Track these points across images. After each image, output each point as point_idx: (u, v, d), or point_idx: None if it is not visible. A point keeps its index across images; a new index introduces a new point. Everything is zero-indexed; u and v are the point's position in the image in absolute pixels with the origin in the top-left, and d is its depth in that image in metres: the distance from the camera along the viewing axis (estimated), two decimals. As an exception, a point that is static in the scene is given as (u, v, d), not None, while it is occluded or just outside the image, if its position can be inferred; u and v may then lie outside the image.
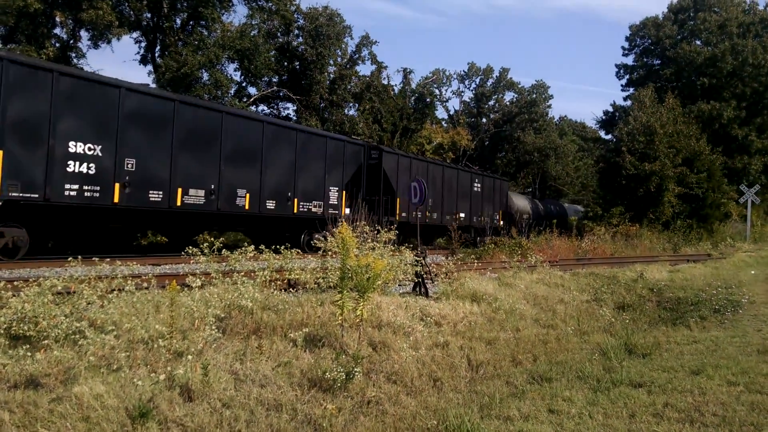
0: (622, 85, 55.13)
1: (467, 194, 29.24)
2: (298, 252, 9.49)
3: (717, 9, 49.61)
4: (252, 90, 35.29)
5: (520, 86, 58.08)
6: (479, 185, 30.46)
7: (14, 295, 5.68)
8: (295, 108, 36.96)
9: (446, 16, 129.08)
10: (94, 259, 7.20)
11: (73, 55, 28.06)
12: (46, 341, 5.27)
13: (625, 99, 53.24)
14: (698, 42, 49.01)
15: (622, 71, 54.75)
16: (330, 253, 9.24)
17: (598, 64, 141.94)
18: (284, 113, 38.82)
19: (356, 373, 6.04)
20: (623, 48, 54.28)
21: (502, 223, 32.18)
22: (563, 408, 5.99)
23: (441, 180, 26.63)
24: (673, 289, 14.53)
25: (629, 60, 54.34)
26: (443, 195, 26.61)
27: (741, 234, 38.34)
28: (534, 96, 56.94)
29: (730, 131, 43.64)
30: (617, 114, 49.73)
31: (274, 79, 36.30)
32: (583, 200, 42.39)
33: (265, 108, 38.43)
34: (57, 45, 26.89)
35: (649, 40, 51.79)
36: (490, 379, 7.19)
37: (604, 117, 53.70)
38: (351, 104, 39.37)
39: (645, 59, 52.97)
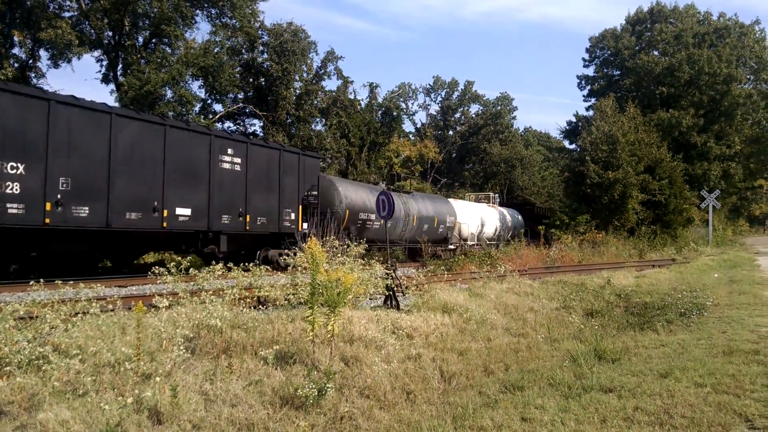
0: (584, 96, 56.35)
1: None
2: (267, 269, 9.41)
3: (673, 20, 51.11)
4: (218, 107, 35.08)
5: (485, 99, 58.92)
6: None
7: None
8: (261, 124, 36.82)
9: (411, 31, 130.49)
10: (57, 282, 7.04)
11: (33, 74, 27.60)
12: (8, 368, 5.12)
13: (587, 109, 54.38)
14: (656, 52, 50.37)
15: (583, 82, 55.92)
16: (300, 268, 9.19)
17: (561, 75, 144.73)
18: (250, 129, 38.64)
19: (328, 389, 6.00)
20: (584, 59, 55.54)
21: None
22: (536, 416, 6.03)
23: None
24: (640, 294, 14.77)
25: (590, 71, 55.61)
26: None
27: (704, 238, 39.24)
28: (499, 108, 57.74)
29: (690, 138, 44.77)
30: (580, 124, 50.68)
31: (240, 96, 36.13)
32: (549, 210, 42.90)
33: (231, 125, 38.23)
34: (15, 65, 26.40)
35: (609, 51, 53.05)
36: (463, 389, 7.21)
37: (567, 127, 54.71)
38: (318, 119, 39.38)
39: (605, 70, 54.20)
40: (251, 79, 36.20)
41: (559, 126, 74.76)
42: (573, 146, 53.34)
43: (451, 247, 28.57)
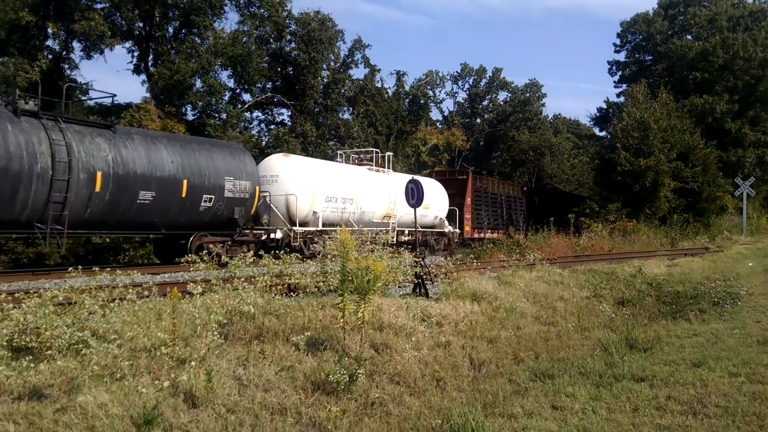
0: (614, 82, 55.40)
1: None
2: (297, 257, 9.50)
3: (706, 3, 49.86)
4: (246, 96, 35.32)
5: (513, 86, 58.13)
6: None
7: (15, 307, 5.68)
8: (289, 113, 37.00)
9: (437, 18, 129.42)
10: (94, 269, 7.21)
11: (66, 66, 28.07)
12: (49, 352, 5.27)
13: (618, 95, 53.48)
14: (689, 37, 49.22)
15: (614, 68, 54.97)
16: (329, 256, 9.26)
17: (591, 61, 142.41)
18: (279, 119, 38.87)
19: (359, 375, 6.05)
20: (615, 45, 54.54)
21: None
22: (566, 404, 6.02)
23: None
24: (672, 283, 14.57)
25: (621, 56, 54.61)
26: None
27: (737, 227, 38.42)
28: (527, 95, 56.98)
29: (724, 125, 43.72)
30: (611, 111, 49.87)
31: (268, 85, 36.32)
32: (578, 197, 42.38)
33: (260, 114, 38.49)
34: (49, 57, 26.88)
35: (641, 36, 52.01)
36: (493, 377, 7.21)
37: (597, 114, 53.89)
38: (345, 108, 39.42)
39: (637, 55, 53.19)
40: (279, 69, 36.34)
41: (589, 113, 73.79)
42: (603, 133, 52.61)
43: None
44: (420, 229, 22.37)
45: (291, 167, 18.59)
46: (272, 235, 17.59)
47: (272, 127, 37.73)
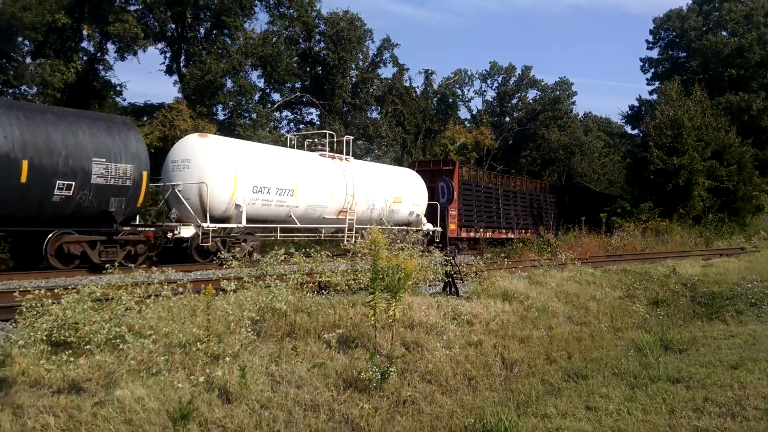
0: (647, 79, 54.41)
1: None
2: (328, 254, 9.54)
3: (743, -1, 48.71)
4: (276, 96, 35.60)
5: (543, 84, 57.57)
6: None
7: (54, 303, 5.80)
8: (318, 113, 37.19)
9: (465, 17, 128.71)
10: (130, 266, 7.33)
11: (101, 67, 28.58)
12: (88, 346, 5.37)
13: (650, 93, 52.52)
14: (724, 33, 48.11)
15: (647, 65, 54.01)
16: (359, 254, 9.29)
17: (622, 58, 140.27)
18: (308, 118, 39.08)
19: (391, 373, 6.06)
20: (647, 41, 53.57)
21: None
22: (601, 405, 5.94)
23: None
24: (707, 284, 14.28)
25: (654, 53, 53.61)
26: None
27: (775, 227, 37.50)
28: (557, 93, 56.40)
29: (760, 122, 42.67)
30: (643, 108, 49.04)
31: (297, 85, 36.55)
32: (609, 196, 41.76)
33: (289, 114, 38.73)
34: (84, 58, 27.39)
35: (674, 33, 51.04)
36: (525, 377, 7.16)
37: (629, 112, 53.00)
38: (374, 107, 39.48)
39: (670, 52, 52.20)
40: (308, 68, 36.55)
41: (620, 111, 72.54)
42: (635, 131, 51.70)
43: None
44: (389, 226, 19.87)
45: (206, 149, 15.22)
46: (178, 233, 14.22)
47: (301, 126, 37.98)
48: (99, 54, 28.41)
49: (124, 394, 4.98)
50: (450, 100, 45.76)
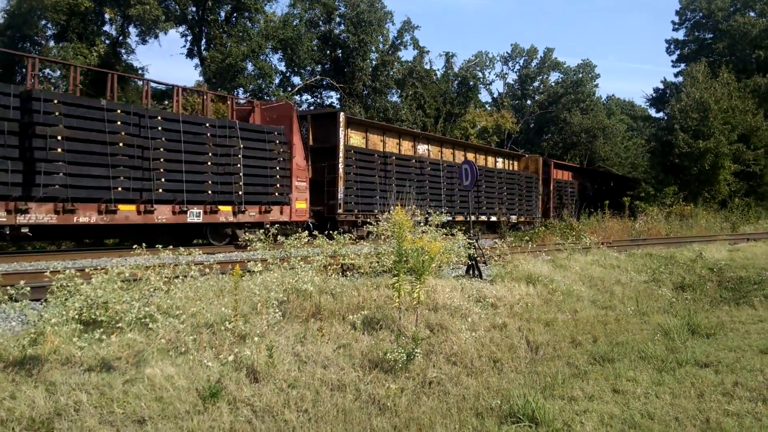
0: (672, 61, 53.49)
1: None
2: (350, 237, 9.53)
3: (772, -22, 47.47)
4: (296, 80, 35.58)
5: (565, 66, 56.96)
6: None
7: (83, 283, 5.87)
8: (338, 96, 37.11)
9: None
10: (157, 247, 7.39)
11: (123, 51, 28.79)
12: (119, 325, 5.44)
13: (676, 75, 51.63)
14: (752, 14, 47.02)
15: (672, 46, 53.06)
16: (383, 237, 9.26)
17: (647, 40, 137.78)
18: (327, 102, 39.03)
19: (416, 354, 6.06)
20: (673, 22, 52.57)
21: None
22: (628, 388, 5.89)
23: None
24: (734, 269, 14.07)
25: (680, 35, 52.64)
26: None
27: (802, 211, 36.82)
28: (580, 76, 55.73)
29: (789, 105, 41.84)
30: (668, 91, 48.22)
31: (317, 68, 36.47)
32: (633, 180, 41.23)
33: (309, 97, 38.71)
34: (107, 42, 27.58)
35: (701, 14, 49.99)
36: (551, 360, 7.11)
37: (654, 94, 52.18)
38: (394, 90, 39.30)
39: (696, 33, 51.17)
40: (328, 51, 36.45)
41: (645, 93, 71.30)
42: (660, 114, 50.93)
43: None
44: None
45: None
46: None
47: (321, 110, 37.94)
48: (121, 37, 28.60)
49: (154, 372, 5.04)
50: (471, 83, 45.36)
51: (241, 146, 14.87)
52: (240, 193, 14.75)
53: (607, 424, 5.04)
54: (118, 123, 12.48)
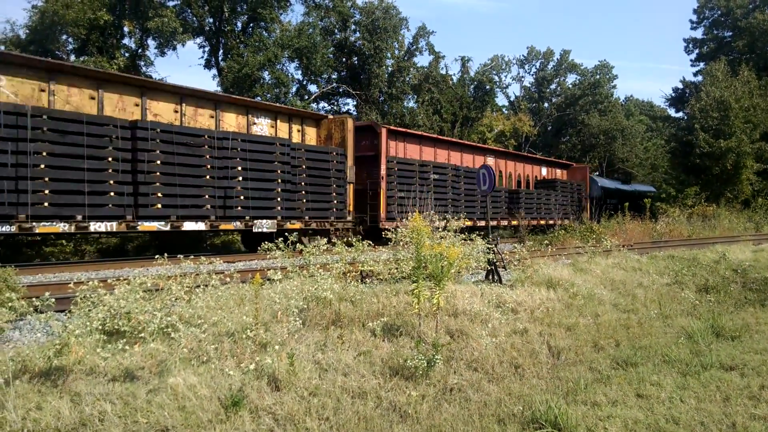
0: (691, 60, 52.94)
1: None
2: (369, 244, 9.54)
3: (792, -27, 46.84)
4: (312, 88, 35.76)
5: (582, 68, 56.55)
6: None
7: (106, 293, 5.94)
8: (355, 103, 37.23)
9: (502, 1, 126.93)
10: (178, 257, 7.46)
11: (142, 63, 29.14)
12: (142, 335, 5.49)
13: (695, 74, 51.10)
14: (772, 10, 46.44)
15: (691, 45, 52.53)
16: (401, 243, 9.25)
17: (665, 40, 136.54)
18: (344, 109, 39.17)
19: (437, 361, 6.04)
20: (691, 21, 52.09)
21: None
22: (652, 393, 5.83)
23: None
24: (759, 270, 13.86)
25: (698, 33, 52.13)
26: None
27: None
28: (598, 77, 55.30)
29: (812, 102, 41.16)
30: (687, 90, 47.73)
31: (333, 76, 36.63)
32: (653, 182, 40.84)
33: (326, 104, 38.86)
34: (126, 54, 27.95)
35: (719, 11, 49.46)
36: (573, 365, 7.05)
37: (673, 94, 51.67)
38: (410, 96, 39.32)
39: (715, 31, 50.63)
40: (344, 59, 36.61)
41: (664, 93, 70.71)
42: (680, 114, 50.40)
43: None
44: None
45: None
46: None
47: (338, 117, 38.06)
48: (140, 50, 28.96)
49: (176, 381, 5.08)
50: (487, 87, 45.24)
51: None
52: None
53: (631, 430, 4.99)
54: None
